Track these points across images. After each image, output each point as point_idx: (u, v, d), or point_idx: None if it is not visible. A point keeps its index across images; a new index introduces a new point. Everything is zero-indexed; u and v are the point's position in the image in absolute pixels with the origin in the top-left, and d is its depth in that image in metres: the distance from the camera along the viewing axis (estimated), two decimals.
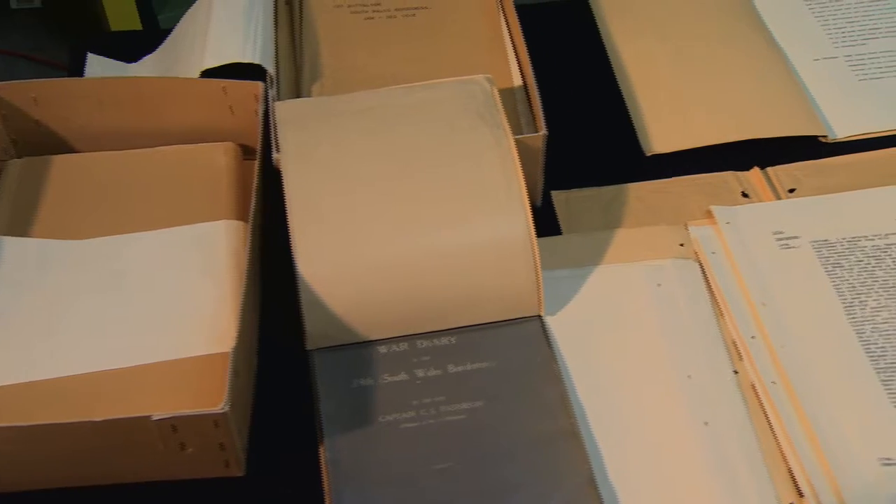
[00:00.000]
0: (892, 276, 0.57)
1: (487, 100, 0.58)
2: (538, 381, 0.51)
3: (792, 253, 0.59)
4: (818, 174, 0.65)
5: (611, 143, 0.69)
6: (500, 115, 0.57)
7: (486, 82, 0.59)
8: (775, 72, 0.71)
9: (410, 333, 0.53)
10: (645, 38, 0.75)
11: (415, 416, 0.49)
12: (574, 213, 0.63)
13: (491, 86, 0.59)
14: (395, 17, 0.71)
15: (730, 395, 0.51)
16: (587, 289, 0.57)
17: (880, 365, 0.52)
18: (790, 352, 0.53)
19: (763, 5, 0.78)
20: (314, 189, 0.54)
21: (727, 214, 0.61)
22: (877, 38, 0.75)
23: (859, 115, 0.69)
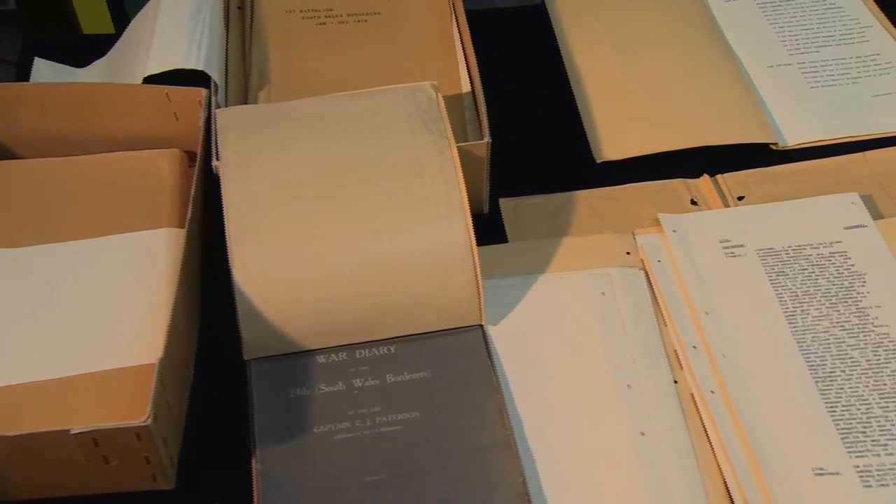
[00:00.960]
0: (834, 285, 0.57)
1: (432, 107, 0.58)
2: (475, 392, 0.51)
3: (737, 261, 0.59)
4: (767, 182, 0.65)
5: (563, 150, 0.68)
6: (444, 122, 0.57)
7: (432, 89, 0.59)
8: (729, 79, 0.71)
9: (350, 343, 0.53)
10: (601, 44, 0.75)
11: (350, 426, 0.49)
12: (521, 221, 0.63)
13: (436, 93, 0.59)
14: (346, 22, 0.70)
15: (668, 405, 0.51)
16: (531, 297, 0.57)
17: (819, 374, 0.52)
18: (731, 361, 0.53)
19: (720, 12, 0.79)
20: (253, 197, 0.53)
21: (674, 222, 0.61)
22: (830, 45, 0.75)
23: (810, 123, 0.69)
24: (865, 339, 0.54)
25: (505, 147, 0.69)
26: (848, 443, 0.49)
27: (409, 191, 0.54)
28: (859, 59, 0.74)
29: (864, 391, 0.51)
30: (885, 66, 0.73)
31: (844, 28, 0.77)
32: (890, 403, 0.50)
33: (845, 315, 0.55)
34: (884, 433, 0.49)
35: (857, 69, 0.73)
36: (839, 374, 0.52)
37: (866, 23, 0.77)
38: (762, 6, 0.79)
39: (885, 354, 0.53)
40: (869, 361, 0.52)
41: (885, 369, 0.52)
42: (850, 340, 0.54)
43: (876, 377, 0.52)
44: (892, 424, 0.49)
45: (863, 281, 0.56)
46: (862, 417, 0.50)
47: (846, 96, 0.71)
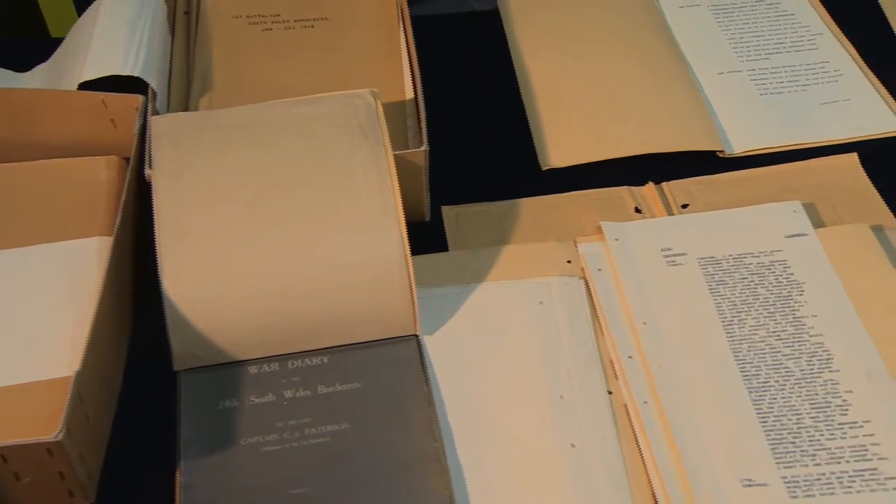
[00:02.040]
0: (772, 294, 0.57)
1: (370, 114, 0.58)
2: (406, 403, 0.50)
3: (678, 270, 0.58)
4: (712, 189, 0.65)
5: (510, 157, 0.68)
6: (382, 130, 0.57)
7: (371, 96, 0.59)
8: (678, 86, 0.71)
9: (283, 353, 0.53)
10: (551, 50, 0.74)
11: (278, 438, 0.48)
12: (463, 229, 0.62)
13: (375, 100, 0.58)
14: (293, 28, 0.70)
15: (600, 417, 0.51)
16: (468, 307, 0.56)
17: (753, 384, 0.52)
18: (666, 371, 0.53)
19: (673, 18, 0.78)
20: (184, 206, 0.52)
21: (616, 231, 0.60)
22: (781, 52, 0.75)
23: (757, 130, 0.69)
24: (800, 349, 0.53)
25: (451, 154, 0.69)
26: (778, 453, 0.49)
27: (343, 199, 0.54)
28: (809, 66, 0.74)
29: (796, 401, 0.51)
30: (834, 74, 0.73)
31: (796, 35, 0.77)
32: (820, 413, 0.50)
33: (782, 324, 0.55)
34: (813, 443, 0.49)
35: (806, 76, 0.73)
36: (773, 384, 0.52)
37: (817, 30, 0.77)
38: (715, 12, 0.79)
39: (818, 364, 0.53)
40: (802, 371, 0.52)
41: (818, 379, 0.52)
42: (785, 350, 0.54)
43: (809, 387, 0.52)
44: (822, 434, 0.49)
45: (801, 290, 0.56)
46: (793, 428, 0.50)
47: (794, 104, 0.71)
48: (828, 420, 0.50)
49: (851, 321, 0.54)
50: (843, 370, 0.52)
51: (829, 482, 0.47)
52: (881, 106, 0.70)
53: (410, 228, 0.61)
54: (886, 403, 0.50)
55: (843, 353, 0.53)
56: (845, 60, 0.74)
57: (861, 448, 0.49)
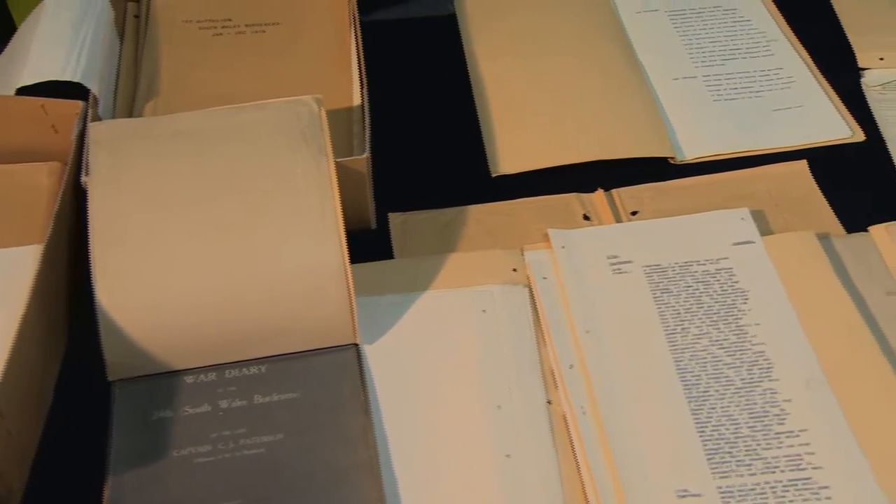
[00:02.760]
0: (717, 303, 0.56)
1: (314, 121, 0.57)
2: (343, 413, 0.50)
3: (624, 278, 0.58)
4: (662, 196, 0.65)
5: (461, 164, 0.67)
6: (325, 137, 0.56)
7: (314, 103, 0.58)
8: (632, 92, 0.71)
9: (220, 363, 0.52)
10: (506, 55, 0.74)
11: (211, 449, 0.48)
12: (409, 237, 0.62)
13: (319, 107, 0.58)
14: (244, 33, 0.69)
15: (538, 427, 0.50)
16: (411, 315, 0.56)
17: (693, 393, 0.52)
18: (606, 381, 0.52)
19: (630, 24, 0.78)
20: (120, 213, 0.52)
21: (563, 238, 0.60)
22: (736, 58, 0.75)
23: (709, 137, 0.69)
24: (742, 358, 0.53)
25: (402, 161, 0.68)
26: (714, 463, 0.48)
27: (282, 207, 0.53)
28: (763, 72, 0.74)
29: (734, 410, 0.51)
30: (787, 81, 0.73)
31: (751, 41, 0.77)
32: (758, 423, 0.50)
33: (725, 333, 0.55)
34: (749, 453, 0.49)
35: (760, 83, 0.73)
36: (713, 393, 0.52)
37: (773, 36, 0.77)
38: (673, 18, 0.79)
39: (759, 373, 0.52)
40: (743, 380, 0.52)
41: (758, 388, 0.52)
42: (726, 359, 0.53)
43: (748, 396, 0.51)
44: (758, 444, 0.49)
45: (745, 298, 0.56)
46: (730, 437, 0.50)
47: (748, 110, 0.70)
48: (765, 429, 0.50)
49: (793, 329, 0.54)
50: (782, 379, 0.52)
51: (763, 492, 0.47)
52: (832, 112, 0.70)
53: (356, 236, 0.61)
54: (823, 412, 0.50)
55: (784, 362, 0.53)
56: (799, 67, 0.74)
57: (796, 457, 0.49)
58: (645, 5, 0.80)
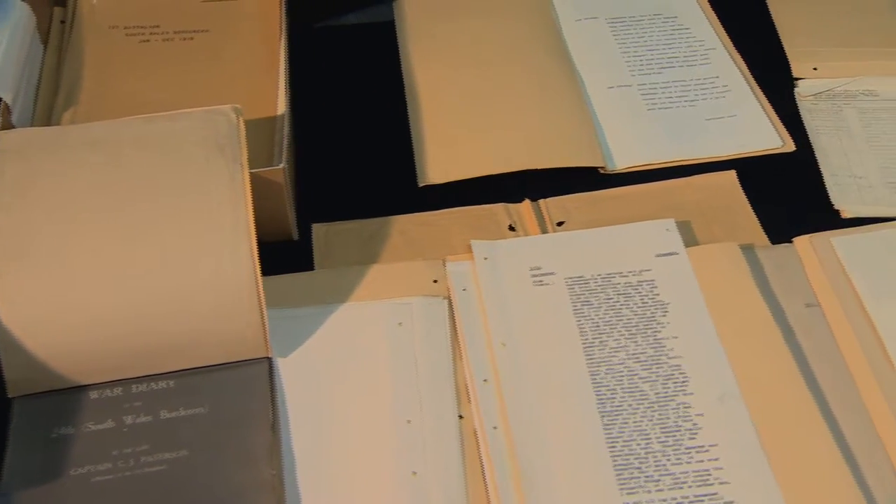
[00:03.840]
0: (636, 315, 0.56)
1: (231, 131, 0.56)
2: (249, 429, 0.49)
3: (545, 290, 0.58)
4: (590, 207, 0.64)
5: (391, 173, 0.67)
6: (241, 147, 0.55)
7: (233, 113, 0.57)
8: (565, 100, 0.70)
9: (127, 377, 0.51)
10: (442, 63, 0.73)
11: (111, 467, 0.47)
12: (332, 248, 0.61)
13: (237, 116, 0.57)
14: (172, 39, 0.68)
15: (447, 443, 0.50)
16: (327, 328, 0.55)
17: (606, 408, 0.51)
18: (519, 395, 0.52)
19: (569, 31, 0.77)
20: (24, 224, 0.51)
21: (486, 249, 0.60)
22: (673, 67, 0.74)
23: (641, 146, 0.68)
24: (658, 372, 0.53)
25: (332, 170, 0.67)
26: (622, 479, 0.48)
27: (193, 219, 0.52)
28: (699, 81, 0.73)
29: (647, 425, 0.50)
30: (723, 90, 0.72)
31: (689, 50, 0.76)
32: (669, 438, 0.50)
33: (642, 346, 0.54)
34: (658, 468, 0.48)
35: (695, 92, 0.72)
36: (626, 407, 0.51)
37: (711, 45, 0.76)
38: (612, 25, 0.79)
39: (673, 387, 0.52)
40: (657, 394, 0.52)
41: (672, 402, 0.51)
42: (642, 373, 0.53)
43: (661, 411, 0.51)
44: (668, 459, 0.49)
45: (665, 311, 0.56)
46: (640, 453, 0.49)
47: (681, 119, 0.70)
48: (676, 444, 0.49)
49: (711, 343, 0.54)
50: (696, 393, 0.52)
51: None
52: (764, 122, 0.69)
53: (276, 247, 0.60)
54: (734, 427, 0.50)
55: (699, 376, 0.52)
56: (735, 76, 0.73)
57: (704, 472, 0.48)
58: (585, 13, 0.80)
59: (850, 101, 0.71)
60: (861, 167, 0.66)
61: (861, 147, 0.68)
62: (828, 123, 0.70)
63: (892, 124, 0.69)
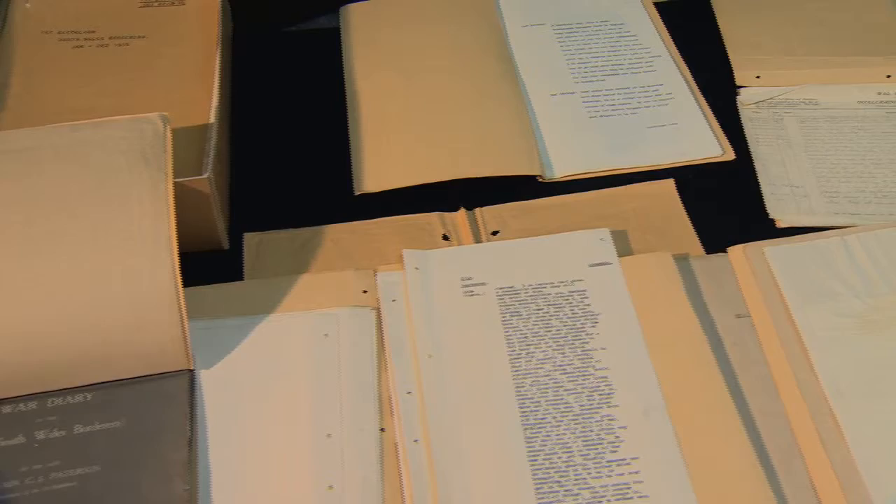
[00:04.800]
0: (566, 326, 0.55)
1: (157, 140, 0.55)
2: (165, 443, 0.48)
3: (475, 300, 0.57)
4: (526, 216, 0.64)
5: (328, 182, 0.66)
6: (166, 156, 0.55)
7: (160, 121, 0.56)
8: (506, 108, 0.70)
9: (43, 391, 0.50)
10: (384, 69, 0.73)
11: (18, 485, 0.46)
12: (263, 257, 0.60)
13: (164, 125, 0.56)
14: (107, 45, 0.67)
15: (366, 456, 0.49)
16: (252, 339, 0.54)
17: (530, 421, 0.51)
18: (442, 408, 0.51)
19: (515, 38, 0.77)
20: None
21: (417, 259, 0.59)
22: (617, 74, 0.74)
23: (581, 154, 0.68)
24: (583, 384, 0.52)
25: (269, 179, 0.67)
26: (541, 493, 0.47)
27: (112, 230, 0.51)
28: (643, 89, 0.73)
29: (569, 438, 0.50)
30: (666, 97, 0.72)
31: (634, 57, 0.76)
32: (591, 451, 0.49)
33: (570, 357, 0.54)
34: (578, 482, 0.48)
35: (638, 99, 0.72)
36: (549, 420, 0.51)
37: (656, 52, 0.76)
38: (558, 32, 0.78)
39: (599, 399, 0.52)
40: (582, 406, 0.51)
41: (596, 415, 0.51)
42: (568, 385, 0.53)
43: (585, 423, 0.51)
44: (588, 472, 0.48)
45: (595, 321, 0.55)
46: (561, 466, 0.49)
47: (623, 127, 0.70)
48: (597, 458, 0.49)
49: (639, 355, 0.54)
50: (622, 405, 0.51)
51: None
52: (706, 131, 0.69)
53: (207, 257, 0.59)
54: (657, 440, 0.50)
55: (625, 388, 0.52)
56: (679, 84, 0.73)
57: (624, 486, 0.48)
58: (531, 19, 0.79)
59: (791, 110, 0.71)
60: (799, 177, 0.66)
61: (800, 156, 0.68)
62: (768, 132, 0.70)
63: (830, 133, 0.69)
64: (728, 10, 0.78)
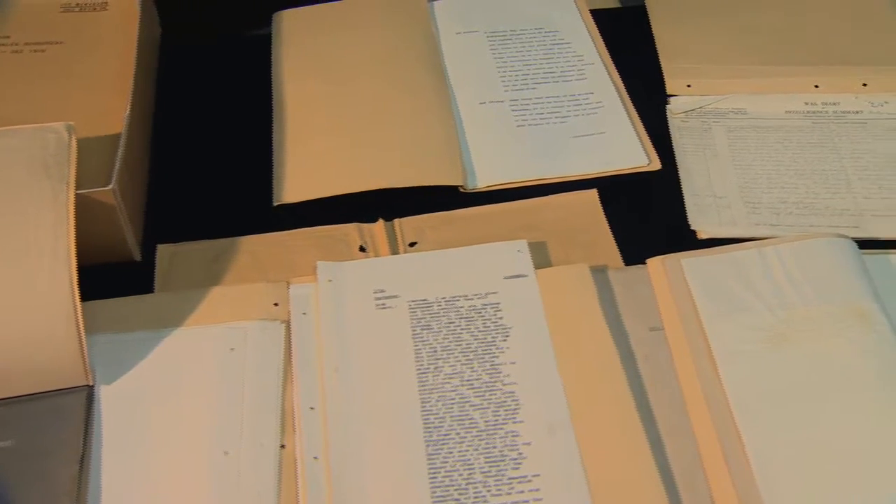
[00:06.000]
0: (476, 340, 0.55)
1: (61, 150, 0.54)
2: (56, 462, 0.47)
3: (387, 313, 0.56)
4: (445, 227, 0.63)
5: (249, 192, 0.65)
6: (69, 167, 0.54)
7: (65, 130, 0.55)
8: (433, 116, 0.69)
9: None
10: (313, 78, 0.72)
11: None
12: (176, 269, 0.59)
13: (70, 134, 0.55)
14: (21, 52, 0.66)
15: (264, 474, 0.48)
16: (157, 354, 0.53)
17: (433, 437, 0.50)
18: (345, 424, 0.50)
19: (448, 45, 0.76)
20: None
21: (331, 271, 0.58)
22: (548, 82, 0.73)
23: (506, 164, 0.67)
24: (490, 399, 0.52)
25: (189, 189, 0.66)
26: None
27: (9, 241, 0.50)
28: (573, 97, 0.72)
29: (472, 455, 0.49)
30: (595, 106, 0.71)
31: (567, 65, 0.75)
32: (493, 468, 0.49)
33: (478, 372, 0.53)
34: (478, 499, 0.47)
35: (567, 108, 0.71)
36: (453, 436, 0.50)
37: (589, 60, 0.75)
38: (492, 39, 0.77)
39: (504, 414, 0.51)
40: (487, 422, 0.51)
41: (500, 431, 0.50)
42: (474, 400, 0.52)
43: (488, 439, 0.50)
44: (489, 490, 0.48)
45: (506, 335, 0.55)
46: (462, 484, 0.48)
47: (550, 136, 0.69)
48: (498, 475, 0.48)
49: (548, 369, 0.53)
50: (527, 421, 0.51)
51: None
52: (633, 140, 0.68)
53: (118, 269, 0.59)
54: (560, 456, 0.49)
55: (532, 404, 0.51)
56: (609, 92, 0.72)
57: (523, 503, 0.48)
58: (466, 26, 0.78)
59: (720, 119, 0.71)
60: (722, 187, 0.66)
61: (725, 166, 0.67)
62: (695, 141, 0.69)
63: (757, 143, 0.68)
64: (663, 17, 0.78)
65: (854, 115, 0.70)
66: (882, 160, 0.67)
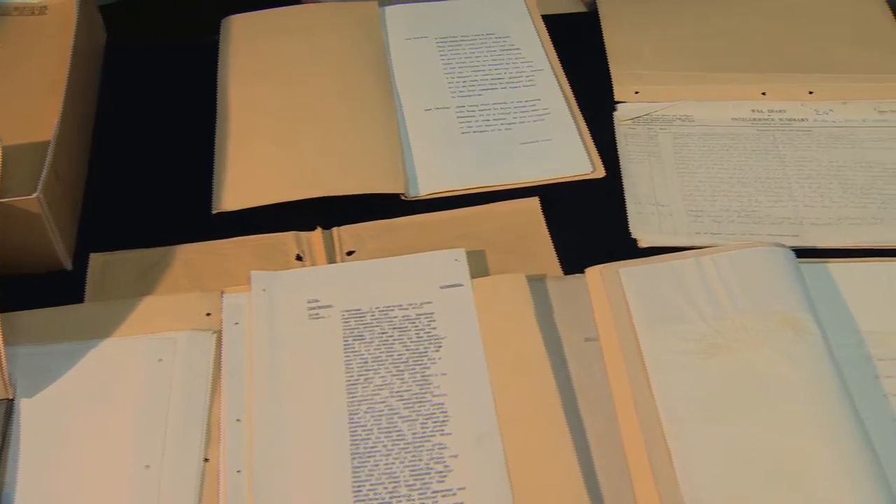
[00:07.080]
0: (408, 350, 0.54)
1: None
2: None
3: (320, 324, 0.56)
4: (385, 235, 0.62)
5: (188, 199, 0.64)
6: None
7: None
8: (378, 123, 0.68)
9: None
10: (257, 85, 0.71)
11: None
12: (108, 279, 0.58)
13: None
14: None
15: (185, 488, 0.48)
16: (83, 366, 0.52)
17: (359, 450, 0.49)
18: (270, 437, 0.50)
19: (396, 51, 0.75)
20: None
21: (265, 280, 0.57)
22: (496, 89, 0.73)
23: (448, 171, 0.66)
24: (419, 411, 0.51)
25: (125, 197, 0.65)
26: None
27: None
28: (520, 104, 0.72)
29: (397, 468, 0.49)
30: (542, 112, 0.71)
31: (516, 71, 0.75)
32: (418, 481, 0.48)
33: (409, 383, 0.52)
34: None
35: (514, 114, 0.71)
36: (380, 449, 0.49)
37: (539, 66, 0.75)
38: (440, 45, 0.77)
39: (432, 426, 0.50)
40: (415, 434, 0.50)
41: (427, 443, 0.50)
42: (403, 412, 0.51)
43: (415, 452, 0.49)
44: (412, 503, 0.47)
45: (438, 346, 0.54)
46: (385, 497, 0.47)
47: (495, 143, 0.68)
48: (423, 488, 0.48)
49: (479, 380, 0.52)
50: (455, 433, 0.50)
51: None
52: (578, 147, 0.68)
53: (48, 278, 0.58)
54: (486, 469, 0.48)
55: (461, 415, 0.51)
56: (557, 99, 0.72)
57: None
58: (416, 32, 0.78)
59: (667, 127, 0.70)
60: (666, 195, 0.65)
61: (669, 174, 0.67)
62: (641, 149, 0.69)
63: (702, 151, 0.68)
64: (613, 23, 0.77)
65: (799, 122, 0.70)
66: (825, 168, 0.67)
